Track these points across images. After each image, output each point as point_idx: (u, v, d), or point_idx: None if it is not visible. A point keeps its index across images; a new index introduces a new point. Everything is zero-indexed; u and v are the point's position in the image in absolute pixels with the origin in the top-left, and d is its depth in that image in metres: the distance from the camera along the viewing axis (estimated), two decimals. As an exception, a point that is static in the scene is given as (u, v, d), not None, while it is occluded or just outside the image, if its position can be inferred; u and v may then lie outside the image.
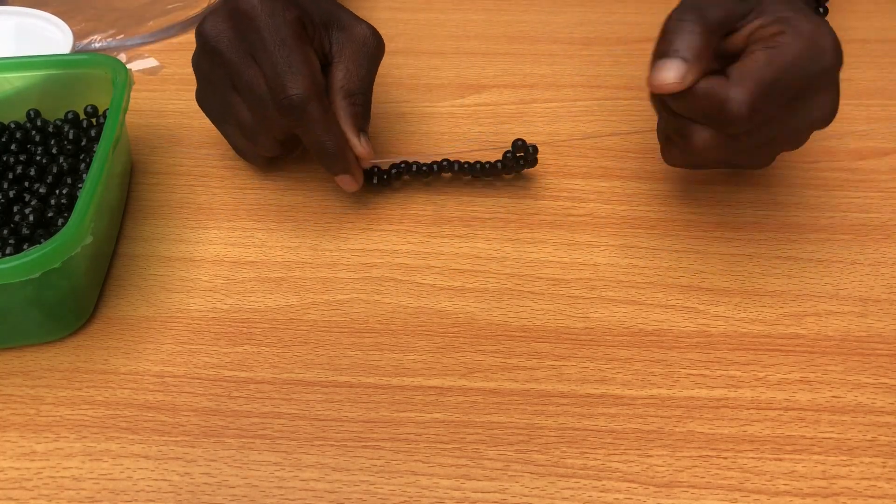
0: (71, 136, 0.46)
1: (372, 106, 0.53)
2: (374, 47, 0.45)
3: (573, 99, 0.54)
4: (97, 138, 0.46)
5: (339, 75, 0.44)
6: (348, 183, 0.44)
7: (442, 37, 0.59)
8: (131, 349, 0.40)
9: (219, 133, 0.47)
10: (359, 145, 0.43)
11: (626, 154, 0.49)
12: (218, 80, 0.43)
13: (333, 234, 0.45)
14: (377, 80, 0.55)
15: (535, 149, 0.46)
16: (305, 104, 0.40)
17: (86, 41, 0.58)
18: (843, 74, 0.54)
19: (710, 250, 0.44)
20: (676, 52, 0.36)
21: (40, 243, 0.37)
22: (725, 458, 0.36)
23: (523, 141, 0.46)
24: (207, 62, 0.43)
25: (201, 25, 0.43)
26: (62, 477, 0.35)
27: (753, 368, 0.39)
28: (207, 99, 0.46)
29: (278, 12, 0.41)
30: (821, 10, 0.47)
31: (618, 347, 0.40)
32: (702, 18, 0.37)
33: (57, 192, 0.43)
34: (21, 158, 0.45)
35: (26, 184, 0.44)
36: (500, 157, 0.46)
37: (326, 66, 0.44)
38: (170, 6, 0.61)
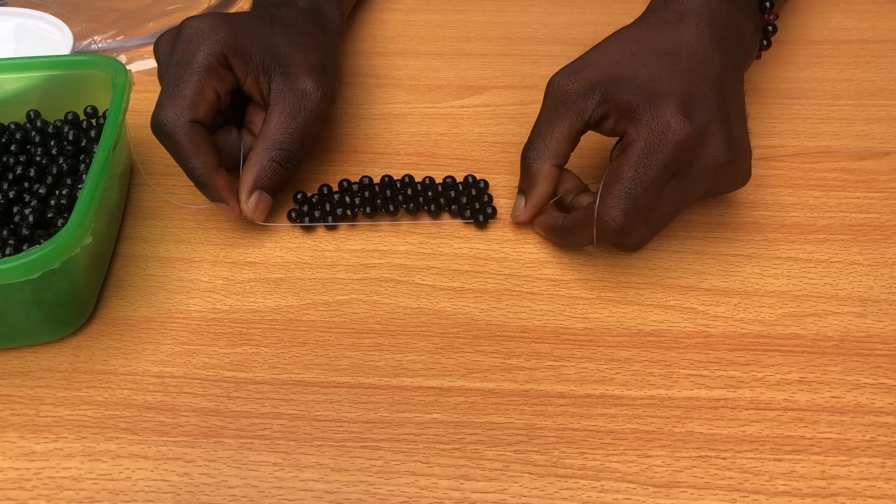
0: (71, 137, 0.46)
1: (371, 107, 0.53)
2: (315, 102, 0.43)
3: (573, 99, 0.54)
4: (97, 139, 0.46)
5: (270, 123, 0.43)
6: (224, 212, 0.43)
7: (442, 38, 0.59)
8: (131, 350, 0.40)
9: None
10: (244, 203, 0.43)
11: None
12: None
13: (333, 234, 0.45)
14: (375, 81, 0.56)
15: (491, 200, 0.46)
16: (171, 130, 0.41)
17: (86, 42, 0.58)
18: (843, 74, 0.55)
19: (709, 251, 0.44)
20: (523, 190, 0.43)
21: (40, 244, 0.37)
22: (724, 458, 0.36)
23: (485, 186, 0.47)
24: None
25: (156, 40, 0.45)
26: (61, 477, 0.35)
27: (752, 369, 0.39)
28: None
29: (200, 39, 0.42)
30: (765, 42, 0.47)
31: (617, 348, 0.40)
32: (542, 151, 0.41)
33: (57, 192, 0.43)
34: (21, 159, 0.45)
35: (26, 184, 0.44)
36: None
37: (265, 109, 0.44)
38: (170, 7, 0.61)
